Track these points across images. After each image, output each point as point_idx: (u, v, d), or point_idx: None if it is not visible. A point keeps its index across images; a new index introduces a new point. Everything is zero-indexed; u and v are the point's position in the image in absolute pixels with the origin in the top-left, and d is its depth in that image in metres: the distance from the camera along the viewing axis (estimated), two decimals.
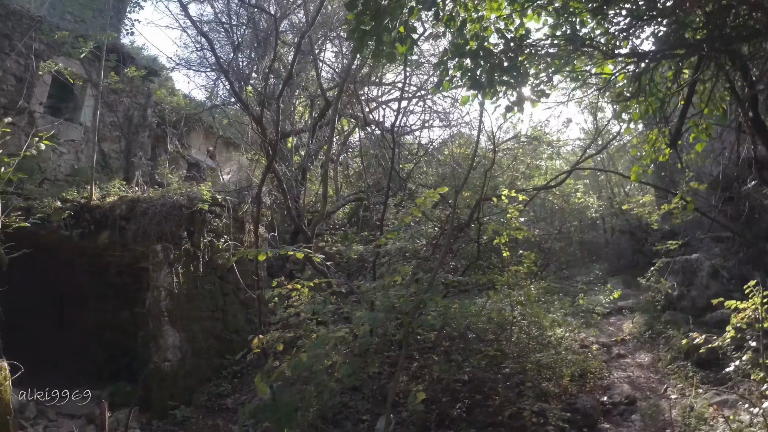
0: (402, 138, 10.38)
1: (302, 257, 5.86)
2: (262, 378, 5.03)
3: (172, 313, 8.46)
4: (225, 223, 9.56)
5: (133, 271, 9.44)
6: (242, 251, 5.30)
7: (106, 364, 9.36)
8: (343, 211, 11.75)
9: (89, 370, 9.24)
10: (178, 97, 12.62)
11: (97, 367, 9.34)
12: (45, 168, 9.11)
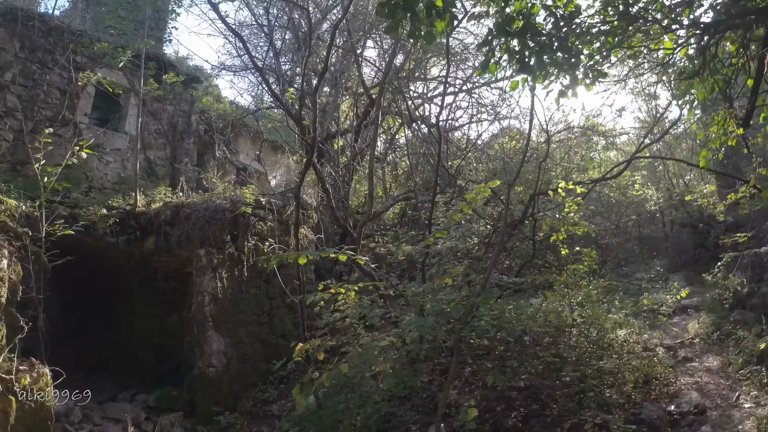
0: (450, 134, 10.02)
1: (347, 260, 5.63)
2: (301, 390, 4.78)
3: (216, 318, 8.38)
4: (270, 226, 9.43)
5: (180, 276, 9.46)
6: (281, 255, 5.07)
7: (154, 367, 9.42)
8: (393, 211, 11.46)
9: (138, 374, 9.31)
10: (224, 104, 12.69)
11: (146, 370, 9.40)
12: (92, 177, 9.25)
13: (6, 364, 5.86)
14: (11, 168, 8.03)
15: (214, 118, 11.42)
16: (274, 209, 9.50)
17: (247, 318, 8.87)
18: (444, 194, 9.04)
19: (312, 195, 10.69)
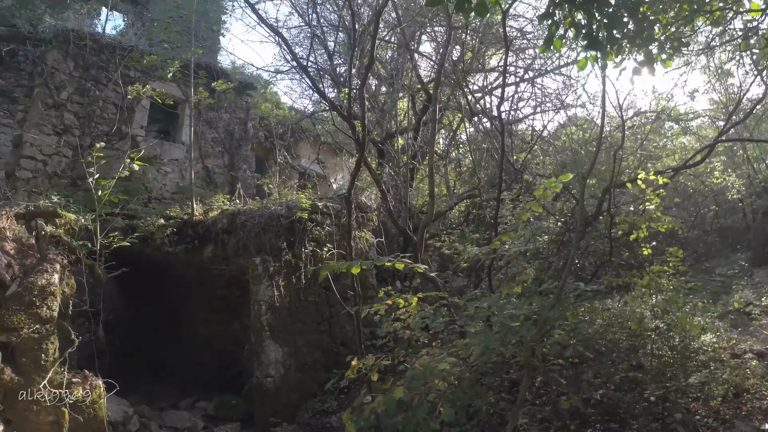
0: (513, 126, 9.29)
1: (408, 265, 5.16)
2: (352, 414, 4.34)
3: (273, 327, 8.14)
4: (327, 230, 9.11)
5: (240, 284, 9.35)
6: (332, 265, 4.63)
7: (217, 374, 9.36)
8: (459, 209, 10.86)
9: (202, 380, 9.29)
10: (283, 110, 12.59)
11: (209, 376, 9.36)
12: (151, 188, 9.33)
13: (59, 376, 5.82)
14: (71, 183, 8.22)
15: (273, 123, 11.31)
16: (331, 213, 9.17)
17: (306, 326, 8.59)
18: (510, 191, 8.33)
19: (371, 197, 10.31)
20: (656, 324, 5.77)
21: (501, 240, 6.56)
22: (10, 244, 6.42)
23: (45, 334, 5.82)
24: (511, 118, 9.23)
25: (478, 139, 9.87)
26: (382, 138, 10.40)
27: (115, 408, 6.93)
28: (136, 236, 7.43)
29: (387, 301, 6.18)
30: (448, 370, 4.87)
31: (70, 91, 8.45)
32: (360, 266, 5.56)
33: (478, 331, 5.83)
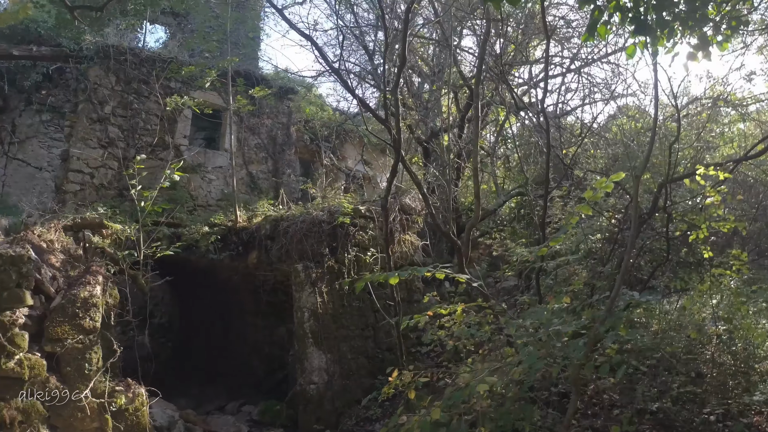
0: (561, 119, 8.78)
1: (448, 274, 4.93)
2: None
3: (316, 334, 8.05)
4: (371, 234, 8.94)
5: (285, 289, 9.35)
6: (368, 276, 4.45)
7: (265, 378, 9.41)
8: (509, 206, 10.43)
9: (250, 383, 9.36)
10: (327, 112, 12.54)
11: (257, 380, 9.42)
12: (196, 196, 9.46)
13: (102, 384, 5.93)
14: (118, 194, 8.45)
15: (318, 126, 11.27)
16: (374, 217, 8.99)
17: (349, 332, 8.46)
18: (560, 188, 7.86)
19: (417, 197, 10.05)
20: (717, 330, 5.25)
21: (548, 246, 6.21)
22: (57, 255, 6.61)
23: (88, 344, 5.94)
24: (558, 111, 8.73)
25: (526, 134, 9.41)
26: (427, 137, 10.12)
27: (161, 413, 7.03)
28: (179, 245, 7.48)
29: (428, 312, 5.92)
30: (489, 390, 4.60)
31: (113, 104, 8.70)
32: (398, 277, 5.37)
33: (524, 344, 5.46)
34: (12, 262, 5.56)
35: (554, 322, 4.99)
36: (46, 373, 5.61)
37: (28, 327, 5.62)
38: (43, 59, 8.36)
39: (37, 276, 5.86)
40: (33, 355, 5.57)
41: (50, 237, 6.80)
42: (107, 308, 6.38)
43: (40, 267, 5.94)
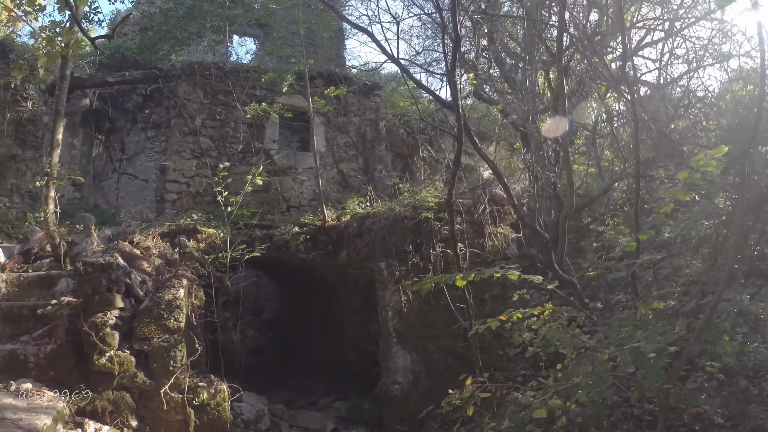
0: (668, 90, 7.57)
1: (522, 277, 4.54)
2: None
3: (401, 333, 7.92)
4: (459, 228, 8.56)
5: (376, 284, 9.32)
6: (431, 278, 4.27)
7: (360, 373, 9.46)
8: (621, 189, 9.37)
9: (346, 378, 9.49)
10: (423, 103, 12.26)
11: (353, 375, 9.51)
12: (289, 197, 9.80)
13: (186, 380, 6.33)
14: (213, 200, 9.01)
15: (413, 119, 11.07)
16: (461, 210, 8.60)
17: (437, 331, 8.18)
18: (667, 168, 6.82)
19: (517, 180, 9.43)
20: None
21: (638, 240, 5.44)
22: (152, 260, 7.23)
23: (173, 342, 6.37)
24: (662, 80, 7.54)
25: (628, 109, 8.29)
26: (523, 120, 9.41)
27: (249, 407, 7.39)
28: (264, 247, 7.77)
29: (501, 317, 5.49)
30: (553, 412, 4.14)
31: (203, 117, 9.35)
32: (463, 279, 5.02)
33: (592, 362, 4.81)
34: (102, 270, 6.14)
35: (638, 335, 4.27)
36: (134, 369, 6.11)
37: (119, 327, 6.16)
38: (136, 82, 9.26)
39: (127, 281, 6.41)
40: (123, 352, 6.10)
41: (147, 243, 7.46)
42: (192, 309, 6.80)
43: (129, 272, 6.49)
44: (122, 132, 9.84)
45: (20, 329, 6.03)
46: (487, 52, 9.40)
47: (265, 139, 9.81)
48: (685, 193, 4.77)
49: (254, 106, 7.84)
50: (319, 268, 9.34)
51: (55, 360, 5.79)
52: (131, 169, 9.50)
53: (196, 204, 9.08)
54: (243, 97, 9.27)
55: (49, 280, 6.59)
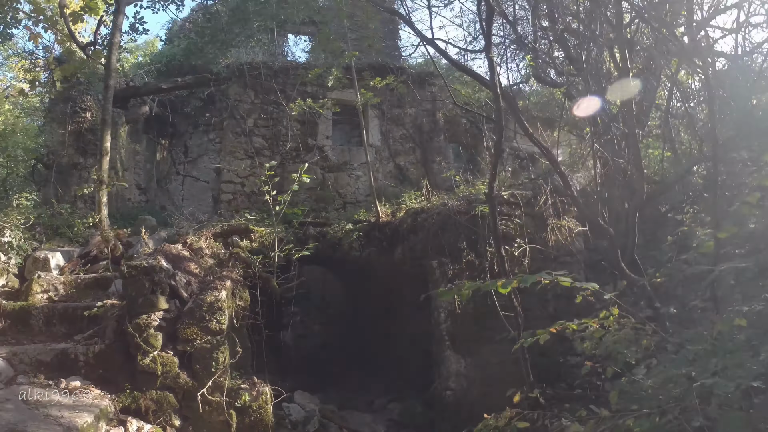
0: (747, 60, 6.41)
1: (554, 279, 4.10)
2: None
3: (454, 336, 7.52)
4: (517, 223, 7.96)
5: None
6: (470, 284, 3.99)
7: (421, 373, 9.15)
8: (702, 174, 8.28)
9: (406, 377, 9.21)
10: (486, 92, 11.54)
11: (413, 375, 9.21)
12: (344, 193, 9.64)
13: (228, 382, 6.40)
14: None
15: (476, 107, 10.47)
16: (520, 202, 7.97)
17: (494, 334, 7.64)
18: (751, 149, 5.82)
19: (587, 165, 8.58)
20: None
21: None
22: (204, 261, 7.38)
23: (215, 344, 6.45)
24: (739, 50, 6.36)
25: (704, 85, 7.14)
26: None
27: (298, 407, 7.37)
28: (312, 245, 7.67)
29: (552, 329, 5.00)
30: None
31: (255, 117, 9.43)
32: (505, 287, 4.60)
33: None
34: (145, 272, 6.33)
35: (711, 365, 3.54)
36: (177, 370, 6.25)
37: (163, 328, 6.32)
38: (188, 87, 9.51)
39: (171, 283, 6.56)
40: (166, 353, 6.25)
41: (200, 244, 7.63)
42: (236, 311, 6.86)
43: (174, 274, 6.65)
44: (185, 135, 10.27)
45: (74, 329, 6.37)
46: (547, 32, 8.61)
47: (318, 136, 9.75)
48: None
49: (299, 103, 7.76)
50: (375, 265, 9.14)
51: (103, 359, 6.06)
52: (195, 171, 9.88)
53: (251, 203, 9.21)
54: (294, 95, 9.25)
55: (104, 282, 6.93)
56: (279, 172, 8.57)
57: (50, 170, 8.28)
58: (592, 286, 4.32)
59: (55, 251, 6.88)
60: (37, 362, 5.85)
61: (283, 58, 10.68)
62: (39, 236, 7.04)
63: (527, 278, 4.07)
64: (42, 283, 6.50)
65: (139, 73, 9.75)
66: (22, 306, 6.27)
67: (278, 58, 10.47)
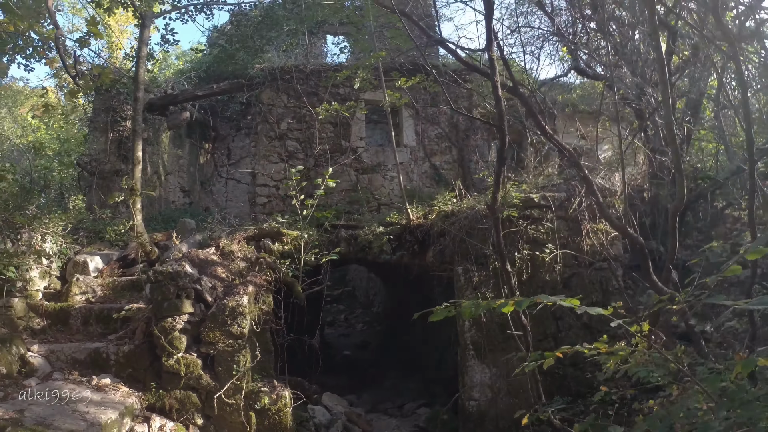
0: None
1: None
2: None
3: (479, 345, 7.35)
4: (548, 227, 7.61)
5: None
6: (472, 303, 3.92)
7: (454, 377, 9.00)
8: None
9: (442, 380, 9.12)
10: (530, 84, 10.94)
11: (449, 378, 9.09)
12: (379, 194, 9.57)
13: (248, 384, 6.63)
14: (301, 202, 9.15)
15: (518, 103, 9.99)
16: (552, 205, 7.59)
17: (521, 344, 7.39)
18: None
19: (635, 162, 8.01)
20: None
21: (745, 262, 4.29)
22: (234, 264, 7.63)
23: (237, 347, 6.69)
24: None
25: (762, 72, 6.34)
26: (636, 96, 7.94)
27: (323, 410, 7.49)
28: (338, 250, 7.67)
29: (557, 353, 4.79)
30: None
31: (288, 121, 9.52)
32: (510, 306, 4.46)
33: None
34: (171, 278, 6.64)
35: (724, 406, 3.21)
36: (200, 371, 6.54)
37: (188, 331, 6.63)
38: (224, 92, 9.74)
39: (197, 287, 6.86)
40: (190, 355, 6.56)
41: (232, 248, 7.89)
42: (258, 315, 7.05)
43: (199, 279, 6.93)
44: (227, 138, 10.61)
45: (109, 329, 6.81)
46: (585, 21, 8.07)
47: (351, 137, 9.74)
48: None
49: (325, 107, 7.78)
50: (407, 267, 9.07)
51: (132, 359, 6.45)
52: (237, 174, 10.24)
53: (285, 206, 9.39)
54: (326, 97, 9.27)
55: (140, 285, 7.34)
56: (312, 174, 8.68)
57: (93, 176, 8.91)
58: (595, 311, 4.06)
59: (94, 255, 7.39)
60: (72, 360, 6.31)
61: (319, 60, 10.78)
62: (81, 240, 7.58)
63: (523, 302, 3.88)
64: (81, 285, 7.01)
65: (180, 80, 10.22)
66: (62, 306, 6.79)
67: (313, 60, 10.57)
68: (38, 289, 6.88)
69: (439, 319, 4.32)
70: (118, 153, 9.03)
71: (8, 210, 6.29)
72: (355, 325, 12.68)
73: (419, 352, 10.23)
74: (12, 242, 6.30)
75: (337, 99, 9.29)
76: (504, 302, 4.10)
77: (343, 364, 10.12)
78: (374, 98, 9.42)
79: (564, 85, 10.16)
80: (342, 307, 14.04)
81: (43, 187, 9.59)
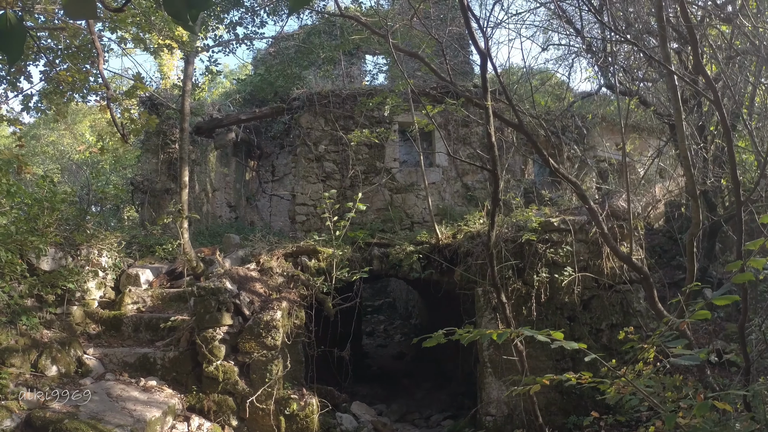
0: None
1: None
2: None
3: (496, 363, 7.65)
4: (567, 250, 7.77)
5: None
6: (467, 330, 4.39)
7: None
8: None
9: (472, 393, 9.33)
10: (567, 98, 10.93)
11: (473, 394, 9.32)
12: (411, 213, 9.93)
13: (279, 392, 7.24)
14: (338, 220, 9.64)
15: (554, 117, 10.07)
16: (571, 229, 7.75)
17: (539, 363, 7.63)
18: None
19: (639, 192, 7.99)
20: None
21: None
22: (273, 280, 8.25)
23: (270, 357, 7.32)
24: None
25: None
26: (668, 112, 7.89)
27: (350, 418, 7.99)
28: (367, 269, 8.12)
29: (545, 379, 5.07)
30: None
31: (325, 143, 9.99)
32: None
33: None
34: (212, 293, 7.34)
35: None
36: (236, 377, 7.21)
37: (226, 341, 7.31)
38: (265, 116, 10.35)
39: (236, 302, 7.53)
40: (228, 362, 7.24)
41: (271, 264, 8.53)
42: (290, 328, 7.64)
43: (238, 294, 7.60)
44: (272, 156, 11.24)
45: (157, 336, 7.59)
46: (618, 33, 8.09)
47: (386, 158, 10.14)
48: None
49: (356, 134, 8.23)
50: (437, 284, 9.41)
51: (176, 364, 7.20)
52: (281, 190, 10.85)
53: (322, 224, 9.90)
54: (361, 120, 9.72)
55: (185, 297, 8.09)
56: (349, 194, 9.17)
57: (146, 194, 9.78)
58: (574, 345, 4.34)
59: (145, 268, 8.20)
60: (123, 363, 7.12)
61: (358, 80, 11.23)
62: (134, 254, 8.42)
63: (504, 333, 4.23)
64: (133, 295, 7.84)
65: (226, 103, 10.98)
66: (116, 315, 7.63)
67: (350, 81, 11.05)
68: (95, 299, 7.76)
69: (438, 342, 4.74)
70: (168, 173, 9.89)
71: (69, 229, 7.15)
72: (394, 336, 13.05)
73: (450, 365, 10.54)
74: (72, 257, 7.16)
75: (372, 121, 9.75)
76: (491, 332, 4.44)
77: (378, 374, 10.56)
78: (407, 120, 9.80)
79: (601, 97, 10.16)
80: (382, 318, 14.43)
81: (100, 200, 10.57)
